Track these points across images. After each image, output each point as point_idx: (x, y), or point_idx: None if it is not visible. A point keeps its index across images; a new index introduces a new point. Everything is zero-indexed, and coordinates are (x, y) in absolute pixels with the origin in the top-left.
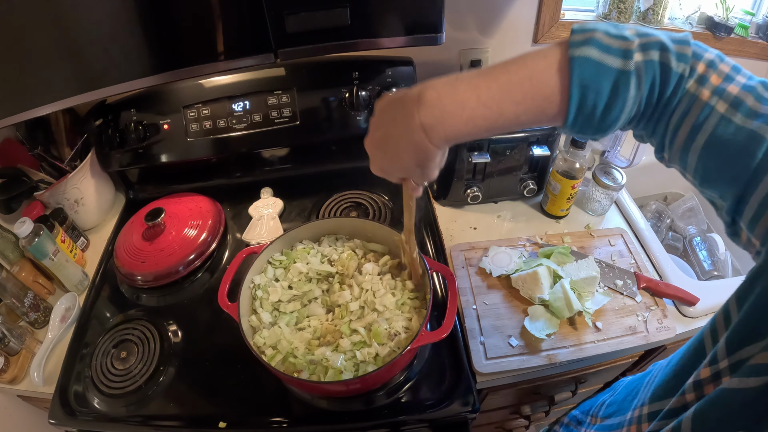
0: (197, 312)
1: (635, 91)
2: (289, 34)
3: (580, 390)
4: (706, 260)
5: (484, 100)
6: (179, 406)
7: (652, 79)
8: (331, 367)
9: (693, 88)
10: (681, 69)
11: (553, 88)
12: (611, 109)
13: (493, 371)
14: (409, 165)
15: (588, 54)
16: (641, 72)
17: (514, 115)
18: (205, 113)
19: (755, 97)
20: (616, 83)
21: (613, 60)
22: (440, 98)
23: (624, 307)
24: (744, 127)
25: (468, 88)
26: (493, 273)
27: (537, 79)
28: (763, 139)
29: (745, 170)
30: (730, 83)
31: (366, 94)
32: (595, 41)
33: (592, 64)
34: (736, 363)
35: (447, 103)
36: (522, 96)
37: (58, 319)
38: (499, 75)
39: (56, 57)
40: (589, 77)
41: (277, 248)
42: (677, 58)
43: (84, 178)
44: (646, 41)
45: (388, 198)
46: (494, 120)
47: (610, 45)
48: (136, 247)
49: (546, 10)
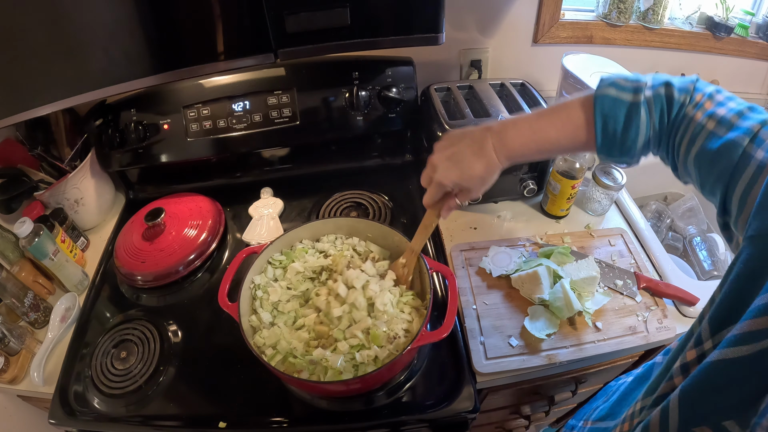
0: (197, 312)
1: (646, 117)
2: (289, 34)
3: (580, 390)
4: (706, 260)
5: (534, 129)
6: (179, 406)
7: (661, 107)
8: (330, 368)
9: (690, 112)
10: (682, 98)
11: (583, 119)
12: (628, 132)
13: (493, 371)
14: (476, 176)
15: (607, 92)
16: (651, 103)
17: (555, 139)
18: (205, 113)
19: (737, 114)
20: (629, 112)
21: (626, 95)
22: (505, 127)
23: (624, 307)
24: (724, 137)
25: (523, 121)
26: (493, 273)
27: (571, 113)
28: (739, 145)
29: (725, 172)
30: (721, 108)
31: (366, 94)
32: (614, 84)
33: (610, 99)
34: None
35: (509, 131)
36: (561, 125)
37: (58, 319)
38: (545, 113)
39: (56, 57)
40: (608, 109)
41: (277, 248)
42: (679, 91)
43: (84, 178)
44: (657, 82)
45: (388, 198)
46: (541, 143)
47: (624, 86)
48: (136, 247)
49: (546, 10)
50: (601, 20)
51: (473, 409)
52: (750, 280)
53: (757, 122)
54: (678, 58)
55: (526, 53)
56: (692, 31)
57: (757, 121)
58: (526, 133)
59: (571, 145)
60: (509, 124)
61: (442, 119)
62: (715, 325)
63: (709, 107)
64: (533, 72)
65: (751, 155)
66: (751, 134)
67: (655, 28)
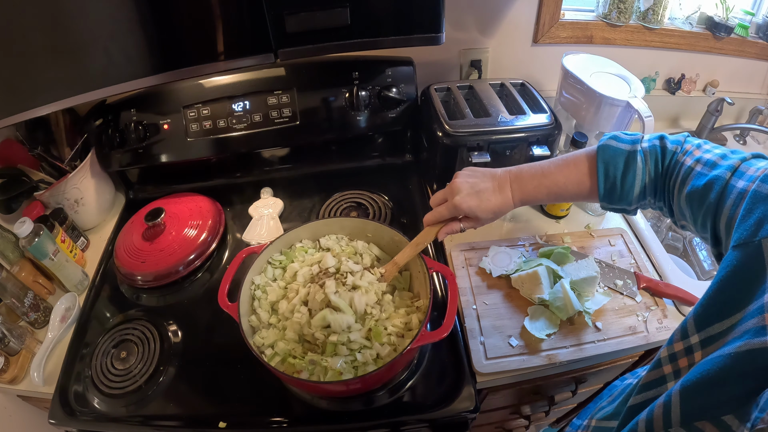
0: (197, 312)
1: (642, 165)
2: (289, 34)
3: (580, 390)
4: (706, 260)
5: (545, 173)
6: (179, 406)
7: (656, 156)
8: (330, 368)
9: (681, 158)
10: (674, 148)
11: (587, 167)
12: (626, 178)
13: (493, 371)
14: (490, 209)
15: (608, 144)
16: (647, 153)
17: (563, 185)
18: (205, 113)
19: (720, 156)
20: (627, 159)
21: (625, 146)
22: (522, 172)
23: (624, 307)
24: (709, 174)
25: (537, 167)
26: (493, 273)
27: (578, 162)
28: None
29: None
30: (707, 153)
31: (366, 94)
32: (614, 137)
33: (611, 149)
34: (706, 339)
35: (525, 175)
36: (569, 172)
37: (58, 319)
38: (556, 161)
39: (56, 57)
40: (609, 157)
41: (277, 248)
42: (672, 143)
43: (84, 178)
44: (652, 137)
45: (388, 198)
46: (551, 188)
47: (623, 139)
48: (136, 247)
49: (546, 10)
50: (601, 20)
51: (473, 409)
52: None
53: (737, 159)
54: (678, 58)
55: (526, 53)
56: (692, 31)
57: (738, 159)
58: (539, 179)
59: (576, 190)
60: (525, 170)
61: (442, 119)
62: (702, 322)
63: (697, 154)
64: (533, 72)
65: (732, 185)
66: (732, 169)
67: (655, 28)
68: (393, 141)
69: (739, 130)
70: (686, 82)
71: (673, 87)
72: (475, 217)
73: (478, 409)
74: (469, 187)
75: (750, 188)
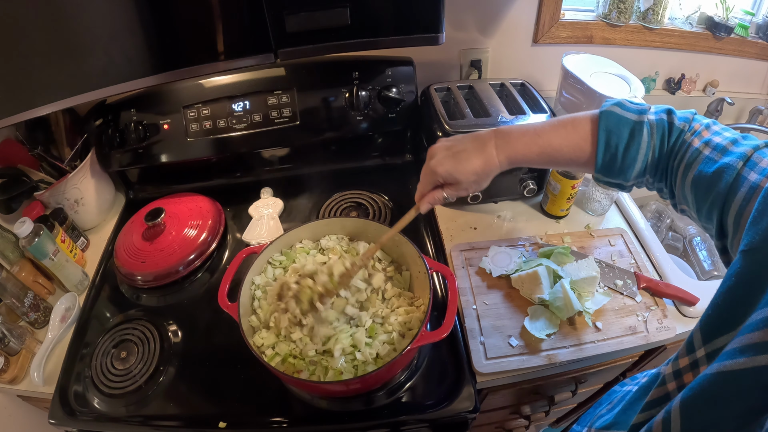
0: (197, 312)
1: (648, 138)
2: (289, 34)
3: (580, 390)
4: (706, 260)
5: (539, 134)
6: (179, 406)
7: (662, 131)
8: (330, 368)
9: (688, 138)
10: (681, 126)
11: (588, 131)
12: (629, 150)
13: (493, 371)
14: (470, 170)
15: (612, 110)
16: (653, 126)
17: (558, 147)
18: (205, 113)
19: (731, 141)
20: (632, 130)
21: (631, 115)
22: (510, 130)
23: (624, 307)
24: (719, 161)
25: (530, 127)
26: (493, 273)
27: (577, 124)
28: (733, 168)
29: (721, 194)
30: (716, 136)
31: (366, 94)
32: (619, 104)
33: (615, 117)
34: (712, 352)
35: (514, 133)
36: (565, 134)
37: (58, 319)
38: (552, 121)
39: (56, 57)
40: (612, 125)
41: (277, 248)
42: (680, 119)
43: (84, 178)
44: (659, 108)
45: (388, 198)
46: (544, 148)
47: (629, 107)
48: (136, 247)
49: (546, 10)
50: (601, 20)
51: (473, 409)
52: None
53: (750, 147)
54: (678, 58)
55: (526, 53)
56: (692, 31)
57: (750, 147)
58: (530, 137)
59: (572, 155)
60: (515, 128)
61: (442, 119)
62: (708, 334)
63: (706, 135)
64: (533, 72)
65: (744, 177)
66: (745, 158)
67: (655, 28)
68: (393, 141)
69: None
70: (686, 82)
71: (673, 87)
72: (455, 180)
73: (477, 409)
74: (445, 149)
75: (764, 185)
